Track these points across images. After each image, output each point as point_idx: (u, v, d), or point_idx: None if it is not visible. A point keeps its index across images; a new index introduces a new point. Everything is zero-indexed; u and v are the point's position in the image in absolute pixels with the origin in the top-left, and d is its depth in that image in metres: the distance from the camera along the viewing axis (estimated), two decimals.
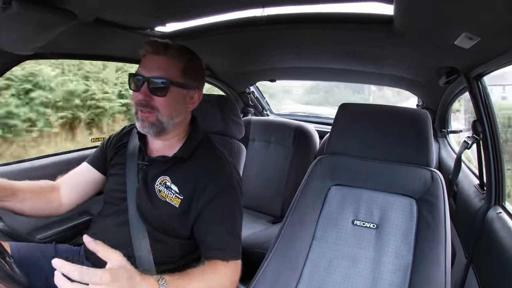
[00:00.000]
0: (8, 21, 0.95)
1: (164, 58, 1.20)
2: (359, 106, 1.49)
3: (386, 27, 1.24)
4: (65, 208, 1.38)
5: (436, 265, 1.16)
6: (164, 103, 1.19)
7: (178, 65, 1.21)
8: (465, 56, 1.33)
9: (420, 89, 2.30)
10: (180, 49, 1.22)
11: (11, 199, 1.23)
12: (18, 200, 1.24)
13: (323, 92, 8.80)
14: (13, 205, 1.24)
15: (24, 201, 1.26)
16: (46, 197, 1.33)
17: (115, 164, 1.37)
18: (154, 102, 1.19)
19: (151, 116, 1.20)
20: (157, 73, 1.18)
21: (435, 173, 1.30)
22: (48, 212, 1.35)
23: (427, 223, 1.24)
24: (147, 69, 1.19)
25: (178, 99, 1.23)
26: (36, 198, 1.30)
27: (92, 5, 1.14)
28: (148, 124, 1.21)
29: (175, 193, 1.23)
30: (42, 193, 1.32)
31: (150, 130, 1.22)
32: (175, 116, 1.23)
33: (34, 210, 1.30)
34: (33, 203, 1.29)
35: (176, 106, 1.23)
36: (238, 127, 1.91)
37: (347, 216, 1.34)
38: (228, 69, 2.54)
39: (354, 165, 1.40)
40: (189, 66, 1.23)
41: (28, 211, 1.28)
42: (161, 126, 1.21)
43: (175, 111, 1.23)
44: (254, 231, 2.24)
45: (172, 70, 1.20)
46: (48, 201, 1.33)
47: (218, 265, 1.15)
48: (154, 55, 1.20)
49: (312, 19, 1.38)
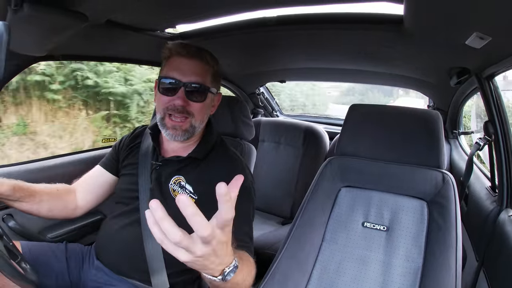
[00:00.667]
0: (19, 23, 0.96)
1: (200, 63, 1.21)
2: (369, 107, 1.48)
3: (396, 27, 1.23)
4: (80, 211, 1.41)
5: (447, 268, 1.14)
6: (200, 109, 1.22)
7: (210, 70, 1.24)
8: (476, 56, 1.31)
9: (431, 90, 2.28)
10: (211, 55, 1.25)
11: (29, 200, 1.24)
12: (35, 201, 1.26)
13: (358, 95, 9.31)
14: (30, 207, 1.26)
15: (41, 202, 1.28)
16: (63, 200, 1.35)
17: (128, 164, 1.38)
18: (190, 107, 1.20)
19: (185, 123, 1.22)
20: (195, 78, 1.19)
21: (446, 175, 1.29)
22: (65, 214, 1.37)
23: (438, 226, 1.22)
24: (182, 73, 1.20)
25: (209, 104, 1.26)
26: (53, 200, 1.32)
27: (103, 7, 1.15)
28: (181, 132, 1.22)
29: (189, 192, 1.24)
30: (59, 196, 1.35)
31: (183, 137, 1.24)
32: (204, 120, 1.27)
33: (51, 212, 1.32)
34: (50, 205, 1.31)
35: (207, 111, 1.27)
36: (248, 128, 1.91)
37: (357, 218, 1.34)
38: (238, 70, 2.54)
39: (364, 166, 1.39)
40: (216, 71, 1.27)
41: (45, 213, 1.30)
42: (193, 131, 1.24)
43: (206, 115, 1.27)
44: (263, 232, 2.24)
45: (207, 76, 1.23)
46: (65, 203, 1.36)
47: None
48: (187, 58, 1.21)
49: (322, 20, 1.38)
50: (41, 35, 1.15)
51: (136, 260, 1.24)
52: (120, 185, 1.39)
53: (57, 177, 1.63)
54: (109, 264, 1.30)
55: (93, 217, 1.74)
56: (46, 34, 1.15)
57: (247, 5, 1.33)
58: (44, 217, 1.33)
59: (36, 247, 1.32)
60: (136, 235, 1.25)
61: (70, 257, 1.35)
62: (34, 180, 1.52)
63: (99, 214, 1.76)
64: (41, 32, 1.12)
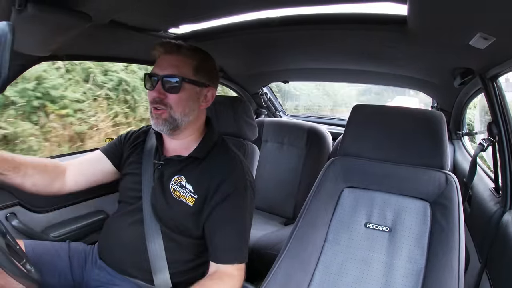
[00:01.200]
0: (23, 23, 0.96)
1: (177, 57, 1.23)
2: (372, 108, 1.47)
3: (400, 28, 1.23)
4: (67, 190, 1.38)
5: (450, 270, 1.14)
6: (176, 100, 1.22)
7: (191, 63, 1.24)
8: (480, 57, 1.30)
9: (435, 90, 2.27)
10: (192, 48, 1.26)
11: (13, 173, 1.23)
12: (20, 174, 1.25)
13: (374, 94, 9.84)
14: (13, 179, 1.24)
15: (26, 176, 1.26)
16: (49, 175, 1.33)
17: (131, 162, 1.39)
18: (167, 99, 1.22)
19: (164, 113, 1.23)
20: (170, 71, 1.21)
21: (449, 176, 1.28)
22: (49, 190, 1.34)
23: (441, 227, 1.22)
24: (161, 68, 1.23)
25: (191, 96, 1.25)
26: (38, 174, 1.30)
27: (107, 8, 1.15)
28: (161, 121, 1.23)
29: (189, 192, 1.24)
30: (46, 171, 1.32)
31: (164, 128, 1.24)
32: (188, 113, 1.26)
33: (34, 187, 1.30)
34: (35, 180, 1.29)
35: (189, 103, 1.25)
36: (252, 129, 1.91)
37: (360, 218, 1.33)
38: (241, 70, 2.55)
39: (367, 167, 1.38)
40: (202, 64, 1.26)
41: (29, 186, 1.28)
42: (174, 122, 1.24)
43: (188, 108, 1.25)
44: (266, 232, 2.24)
45: (184, 68, 1.23)
46: (51, 179, 1.33)
47: (223, 272, 1.18)
48: (167, 55, 1.24)
49: (325, 20, 1.38)
50: (45, 35, 1.16)
51: (138, 260, 1.25)
52: (123, 184, 1.40)
53: None
54: (112, 264, 1.30)
55: (96, 216, 1.74)
56: (50, 34, 1.15)
57: (250, 6, 1.33)
58: (27, 191, 1.30)
59: (39, 246, 1.33)
60: (139, 234, 1.26)
61: (73, 256, 1.36)
62: None
63: (102, 213, 1.76)
64: (45, 32, 1.13)
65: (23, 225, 1.47)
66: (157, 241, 1.25)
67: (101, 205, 1.75)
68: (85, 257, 1.37)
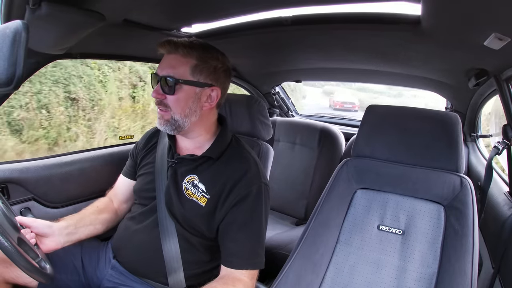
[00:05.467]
0: (37, 21, 0.97)
1: (174, 56, 1.22)
2: (387, 108, 1.46)
3: (413, 27, 1.21)
4: (121, 217, 1.47)
5: (462, 275, 1.12)
6: (173, 101, 1.21)
7: (187, 63, 1.21)
8: (495, 58, 1.28)
9: (449, 92, 2.24)
10: (189, 47, 1.21)
11: (83, 225, 1.31)
12: (88, 224, 1.33)
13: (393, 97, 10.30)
14: (87, 231, 1.33)
15: (93, 222, 1.35)
16: (107, 211, 1.43)
17: (145, 164, 1.41)
18: (166, 100, 1.22)
19: (166, 114, 1.23)
20: (166, 72, 1.20)
21: (464, 179, 1.26)
22: (115, 222, 1.46)
23: (455, 231, 1.20)
24: (161, 68, 1.23)
25: (189, 97, 1.22)
26: (100, 215, 1.39)
27: (120, 7, 1.16)
28: (163, 122, 1.24)
29: (201, 192, 1.24)
30: (102, 210, 1.42)
31: (166, 128, 1.25)
32: (189, 114, 1.24)
33: (106, 225, 1.41)
34: (101, 221, 1.39)
35: (188, 104, 1.23)
36: (266, 128, 1.90)
37: (372, 220, 1.32)
38: (253, 69, 2.55)
39: (381, 168, 1.37)
40: (201, 63, 1.22)
41: (102, 228, 1.39)
42: (175, 123, 1.23)
43: (187, 109, 1.23)
44: (277, 232, 2.24)
45: (180, 68, 1.20)
46: (109, 214, 1.44)
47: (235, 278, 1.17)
48: (166, 54, 1.24)
49: (338, 19, 1.37)
50: (59, 34, 1.17)
51: (153, 261, 1.26)
52: (137, 185, 1.41)
53: (74, 173, 1.66)
54: (126, 265, 1.31)
55: None
56: (64, 32, 1.16)
57: (263, 5, 1.33)
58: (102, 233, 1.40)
59: None
60: (153, 235, 1.26)
61: (85, 253, 1.37)
62: (51, 175, 1.55)
63: None
64: (59, 31, 1.13)
65: None
66: (172, 241, 1.25)
67: None
68: (98, 254, 1.39)
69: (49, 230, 1.19)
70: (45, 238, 1.18)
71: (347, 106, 13.82)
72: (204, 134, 1.31)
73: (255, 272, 1.21)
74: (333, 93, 16.85)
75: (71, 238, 1.26)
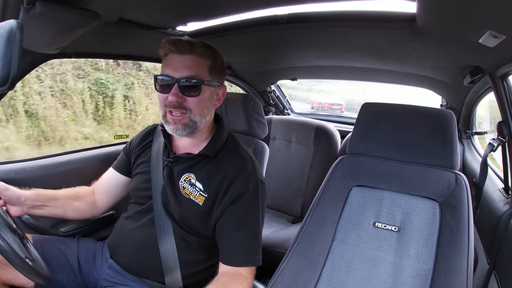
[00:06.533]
0: (32, 21, 0.97)
1: (191, 57, 1.19)
2: (382, 106, 1.46)
3: (409, 25, 1.22)
4: (101, 210, 1.48)
5: (458, 271, 1.13)
6: (196, 103, 1.20)
7: (205, 63, 1.21)
8: (490, 55, 1.29)
9: (444, 89, 2.25)
10: (204, 47, 1.21)
11: (53, 204, 1.31)
12: (59, 205, 1.33)
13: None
14: (56, 211, 1.33)
15: (65, 205, 1.35)
16: (84, 201, 1.42)
17: (141, 163, 1.40)
18: (186, 102, 1.19)
19: (184, 118, 1.20)
20: (187, 73, 1.18)
21: (459, 176, 1.27)
22: (88, 214, 1.45)
23: (450, 228, 1.21)
24: (175, 69, 1.18)
25: (208, 97, 1.23)
26: (75, 202, 1.38)
27: (115, 5, 1.16)
28: (181, 126, 1.21)
29: (199, 190, 1.24)
30: (80, 198, 1.41)
31: (184, 132, 1.22)
32: (206, 114, 1.25)
33: (75, 213, 1.39)
34: (74, 207, 1.38)
35: (207, 105, 1.24)
36: (262, 126, 1.90)
37: (368, 217, 1.33)
38: (249, 68, 2.55)
39: (376, 166, 1.38)
40: (214, 63, 1.24)
41: (70, 214, 1.38)
42: (194, 126, 1.22)
43: (206, 109, 1.24)
44: (273, 230, 2.25)
45: (200, 69, 1.20)
46: (86, 204, 1.42)
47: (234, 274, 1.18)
48: (179, 54, 1.19)
49: (333, 18, 1.37)
50: (54, 33, 1.16)
51: (150, 260, 1.26)
52: (133, 185, 1.40)
53: (70, 173, 1.65)
54: (123, 264, 1.31)
55: (105, 212, 1.75)
56: (58, 32, 1.15)
57: (258, 3, 1.33)
58: (71, 219, 1.43)
59: (48, 241, 1.35)
60: (150, 234, 1.26)
61: (82, 252, 1.37)
62: (47, 175, 1.55)
63: (111, 209, 1.77)
64: (54, 30, 1.13)
65: (32, 221, 1.49)
66: (169, 240, 1.25)
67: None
68: (94, 254, 1.38)
69: (17, 200, 1.21)
70: (12, 205, 1.21)
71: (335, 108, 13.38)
72: (203, 133, 1.32)
73: (253, 268, 1.21)
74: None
75: (34, 211, 1.28)
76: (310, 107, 12.15)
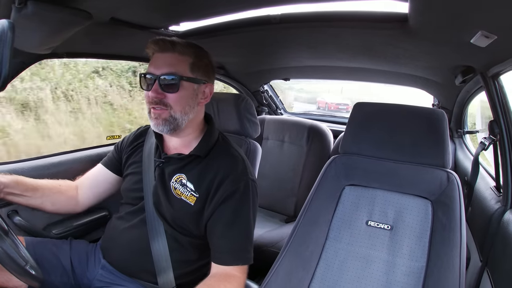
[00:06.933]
0: (23, 21, 0.96)
1: (172, 55, 1.21)
2: (374, 106, 1.47)
3: (401, 25, 1.22)
4: (82, 206, 1.45)
5: (451, 268, 1.14)
6: (176, 99, 1.20)
7: (186, 60, 1.22)
8: (481, 55, 1.30)
9: (436, 89, 2.27)
10: (186, 45, 1.23)
11: (31, 195, 1.29)
12: (38, 196, 1.31)
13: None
14: (33, 201, 1.30)
15: (44, 197, 1.32)
16: (65, 195, 1.39)
17: (132, 163, 1.39)
18: (166, 99, 1.20)
19: (164, 113, 1.21)
20: (167, 70, 1.19)
21: (451, 174, 1.28)
22: (67, 209, 1.41)
23: (443, 225, 1.22)
24: (156, 67, 1.20)
25: (190, 94, 1.23)
26: (55, 195, 1.36)
27: (107, 5, 1.15)
28: (162, 121, 1.22)
29: (190, 190, 1.24)
30: (61, 191, 1.38)
31: (165, 128, 1.23)
32: (188, 112, 1.24)
33: (54, 206, 1.36)
34: (53, 200, 1.35)
35: (188, 102, 1.24)
36: (254, 126, 1.90)
37: (361, 216, 1.33)
38: (242, 67, 2.54)
39: (368, 165, 1.39)
40: (197, 61, 1.24)
41: (49, 207, 1.35)
42: (175, 122, 1.22)
43: (187, 106, 1.24)
44: (267, 230, 2.25)
45: (181, 66, 1.21)
46: (67, 198, 1.39)
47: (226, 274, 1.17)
48: (161, 53, 1.22)
49: (326, 18, 1.37)
50: (45, 33, 1.15)
51: (142, 260, 1.25)
52: (125, 185, 1.40)
53: (62, 174, 1.63)
54: (115, 264, 1.31)
55: (98, 213, 1.74)
56: (50, 32, 1.15)
57: (252, 3, 1.33)
58: (48, 211, 1.37)
59: (41, 244, 1.34)
60: (142, 235, 1.26)
61: (74, 254, 1.36)
62: (39, 177, 1.53)
63: (104, 210, 1.77)
64: (45, 30, 1.12)
65: (24, 223, 1.47)
66: (160, 241, 1.24)
67: (102, 203, 1.76)
68: (86, 255, 1.38)
69: None
70: None
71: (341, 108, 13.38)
72: (192, 132, 1.32)
73: (245, 267, 1.21)
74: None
75: (10, 198, 1.27)
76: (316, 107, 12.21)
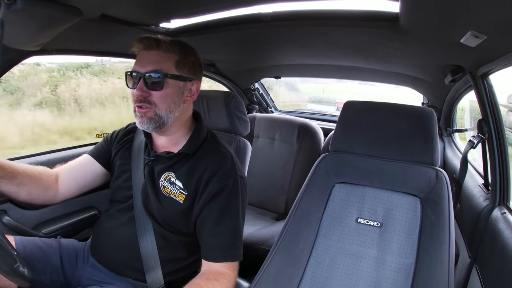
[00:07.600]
0: (13, 17, 0.94)
1: (157, 52, 1.21)
2: (364, 104, 1.48)
3: (392, 25, 1.23)
4: (61, 197, 1.39)
5: (440, 264, 1.15)
6: (161, 97, 1.20)
7: (172, 58, 1.22)
8: (471, 55, 1.31)
9: (426, 87, 2.29)
10: (172, 43, 1.23)
11: (9, 180, 1.23)
12: (15, 183, 1.25)
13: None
14: (9, 188, 1.25)
15: (21, 185, 1.26)
16: (43, 184, 1.33)
17: (120, 159, 1.38)
18: (151, 97, 1.20)
19: (149, 112, 1.20)
20: (151, 67, 1.19)
21: (440, 172, 1.30)
22: (43, 199, 1.36)
23: (431, 222, 1.23)
24: (141, 65, 1.20)
25: (175, 92, 1.23)
26: (33, 183, 1.30)
27: (97, 1, 1.14)
28: (146, 120, 1.21)
29: (179, 189, 1.24)
30: (40, 180, 1.33)
31: (149, 126, 1.22)
32: (173, 109, 1.24)
33: (29, 196, 1.31)
34: (30, 189, 1.29)
35: (174, 99, 1.23)
36: (244, 124, 1.90)
37: (351, 214, 1.34)
38: (232, 65, 2.54)
39: (358, 163, 1.39)
40: (183, 58, 1.24)
41: (23, 196, 1.29)
42: (160, 120, 1.22)
43: (173, 104, 1.23)
44: (257, 228, 2.25)
45: (166, 63, 1.21)
46: (45, 188, 1.34)
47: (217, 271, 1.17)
48: (147, 50, 1.22)
49: (317, 16, 1.37)
50: (35, 30, 1.13)
51: (131, 258, 1.25)
52: (114, 183, 1.39)
53: None
54: (104, 262, 1.30)
55: (87, 212, 1.73)
56: (40, 28, 1.13)
57: (243, 1, 1.32)
58: (20, 201, 1.32)
59: (30, 243, 1.32)
60: (131, 233, 1.25)
61: (64, 253, 1.35)
62: None
63: (93, 209, 1.75)
64: (35, 26, 1.10)
65: (13, 222, 1.45)
66: (149, 239, 1.24)
67: (92, 202, 1.74)
68: (76, 254, 1.37)
69: None
70: None
71: None
72: (179, 130, 1.31)
73: (235, 263, 1.22)
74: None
75: None
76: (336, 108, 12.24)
